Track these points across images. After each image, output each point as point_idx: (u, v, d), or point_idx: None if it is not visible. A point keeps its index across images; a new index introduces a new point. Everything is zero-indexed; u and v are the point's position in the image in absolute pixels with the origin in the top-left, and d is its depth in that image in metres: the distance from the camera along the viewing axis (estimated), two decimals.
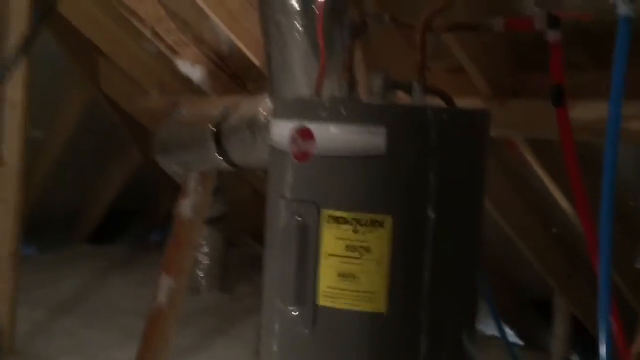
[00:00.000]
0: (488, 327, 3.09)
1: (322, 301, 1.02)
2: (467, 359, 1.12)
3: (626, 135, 1.11)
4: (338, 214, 1.01)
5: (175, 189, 2.86)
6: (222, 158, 2.26)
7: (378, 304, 1.00)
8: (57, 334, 2.75)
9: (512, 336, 2.83)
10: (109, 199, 4.05)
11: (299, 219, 1.04)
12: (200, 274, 3.52)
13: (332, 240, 1.02)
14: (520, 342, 2.89)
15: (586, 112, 1.33)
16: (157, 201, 4.37)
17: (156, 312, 2.46)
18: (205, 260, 3.52)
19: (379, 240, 1.00)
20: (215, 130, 2.26)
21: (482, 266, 1.21)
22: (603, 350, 0.95)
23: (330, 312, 1.02)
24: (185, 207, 2.59)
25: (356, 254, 1.01)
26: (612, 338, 1.00)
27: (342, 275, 1.01)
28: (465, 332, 1.11)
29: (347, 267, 1.01)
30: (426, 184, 1.02)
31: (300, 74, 1.40)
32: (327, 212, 1.02)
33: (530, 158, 1.72)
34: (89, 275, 3.60)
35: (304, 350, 1.05)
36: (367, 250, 1.00)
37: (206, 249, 3.51)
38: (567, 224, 1.95)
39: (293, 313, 1.05)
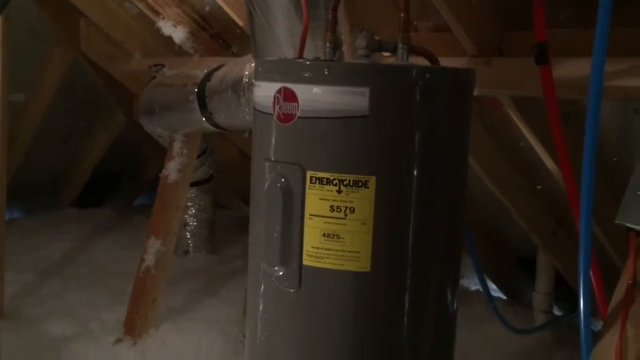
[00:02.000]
0: (472, 282, 3.15)
1: (307, 261, 1.03)
2: (450, 314, 1.14)
3: (609, 92, 1.11)
4: (321, 174, 1.01)
5: (161, 152, 2.85)
6: (205, 119, 2.25)
7: (362, 263, 1.02)
8: (45, 297, 2.76)
9: (495, 291, 2.89)
10: (93, 163, 4.02)
11: (283, 180, 1.04)
12: (188, 235, 3.54)
13: (316, 200, 1.02)
14: (503, 297, 2.95)
15: (570, 70, 1.33)
16: (142, 164, 4.35)
17: (144, 274, 2.48)
18: (193, 222, 3.53)
19: (363, 201, 1.01)
20: (198, 91, 2.24)
21: (467, 223, 1.23)
22: (582, 303, 0.97)
23: (315, 271, 1.03)
24: (171, 169, 2.58)
25: (340, 214, 1.01)
26: (591, 293, 1.03)
27: (327, 236, 1.02)
28: (449, 289, 1.13)
29: (332, 227, 1.02)
30: (410, 143, 1.03)
31: (282, 34, 1.38)
32: (310, 173, 1.02)
33: (515, 116, 1.72)
34: (76, 238, 3.60)
35: (289, 309, 1.06)
36: (351, 210, 1.01)
37: (193, 211, 3.51)
38: (552, 181, 1.97)
39: (278, 273, 1.06)
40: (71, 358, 2.26)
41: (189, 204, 3.44)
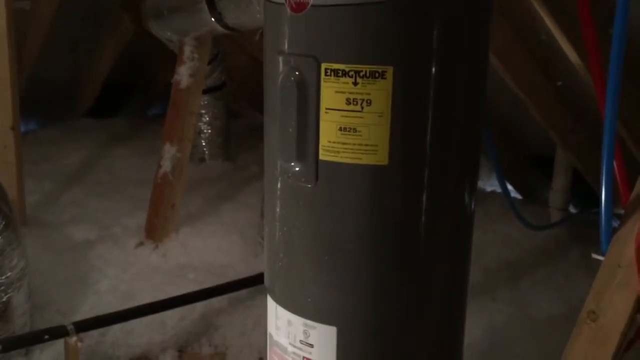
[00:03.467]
0: (487, 184, 3.16)
1: (324, 156, 1.01)
2: (467, 213, 1.14)
3: None
4: (337, 66, 0.97)
5: (172, 60, 2.80)
6: (215, 20, 2.18)
7: (380, 157, 1.00)
8: (66, 204, 2.82)
9: (511, 191, 2.90)
10: (103, 72, 3.97)
11: (297, 73, 1.00)
12: (203, 143, 3.55)
13: (332, 94, 0.99)
14: (519, 196, 2.96)
15: None
16: (153, 73, 4.30)
17: (161, 180, 2.50)
18: (207, 130, 3.53)
19: (380, 92, 0.97)
20: None
21: (486, 122, 1.20)
22: (604, 190, 0.96)
23: (332, 166, 1.01)
24: (182, 74, 2.55)
25: (357, 107, 0.98)
26: (614, 182, 1.01)
27: (343, 129, 1.00)
28: (467, 187, 1.11)
29: (348, 120, 0.99)
30: (428, 31, 0.98)
31: None
32: (325, 65, 0.98)
33: (538, 6, 1.64)
34: (92, 147, 3.63)
35: (307, 204, 1.06)
36: (368, 102, 0.98)
37: (207, 119, 3.50)
38: (573, 76, 1.91)
39: (295, 169, 1.05)
40: (96, 260, 2.33)
41: (203, 111, 3.43)
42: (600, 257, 1.01)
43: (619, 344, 0.99)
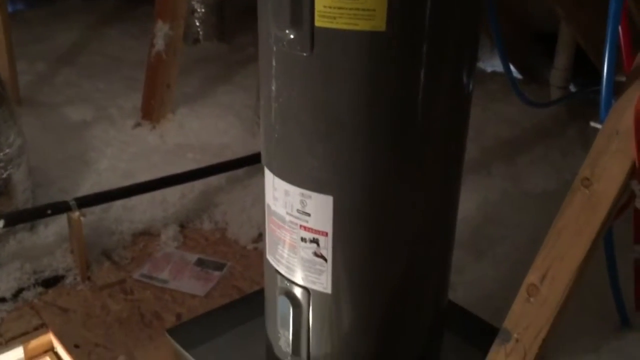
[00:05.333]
0: (488, 65, 3.11)
1: (319, 22, 0.98)
2: (466, 89, 1.11)
3: None
4: None
5: None
6: None
7: (377, 22, 0.96)
8: (61, 85, 2.78)
9: (513, 71, 2.85)
10: None
11: None
12: (197, 23, 3.45)
13: None
14: (520, 76, 2.92)
15: None
16: None
17: (155, 59, 2.45)
18: (201, 9, 3.42)
19: None
20: None
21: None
22: (606, 58, 0.93)
23: (327, 32, 0.98)
24: None
25: None
26: (617, 51, 0.98)
27: None
28: (466, 61, 1.09)
29: None
30: None
31: None
32: None
33: None
34: (83, 28, 3.53)
35: (302, 75, 1.04)
36: None
37: None
38: None
39: (289, 37, 1.01)
40: (94, 140, 2.33)
41: None
42: (599, 125, 1.00)
43: (610, 210, 1.01)
